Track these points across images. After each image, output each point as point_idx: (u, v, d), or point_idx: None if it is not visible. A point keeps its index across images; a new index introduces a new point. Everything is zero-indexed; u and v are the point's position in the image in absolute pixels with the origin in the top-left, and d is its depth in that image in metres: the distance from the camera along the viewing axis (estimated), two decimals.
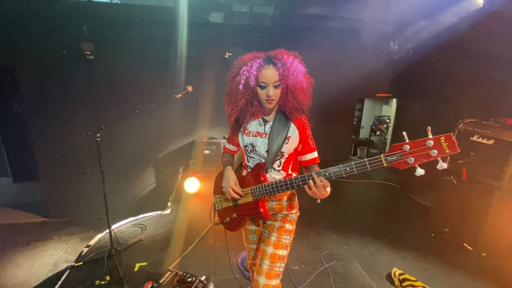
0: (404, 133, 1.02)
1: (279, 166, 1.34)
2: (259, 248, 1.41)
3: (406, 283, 2.08)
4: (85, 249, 2.54)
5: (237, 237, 1.66)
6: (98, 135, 2.02)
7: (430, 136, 0.97)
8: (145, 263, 2.34)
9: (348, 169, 1.10)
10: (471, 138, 2.51)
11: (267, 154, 1.31)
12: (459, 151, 0.94)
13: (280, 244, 1.34)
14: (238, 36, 3.81)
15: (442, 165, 0.96)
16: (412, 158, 1.00)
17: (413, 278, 2.12)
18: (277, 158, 1.33)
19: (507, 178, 2.24)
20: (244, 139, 1.37)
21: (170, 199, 3.50)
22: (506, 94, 2.79)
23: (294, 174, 1.37)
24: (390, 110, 5.92)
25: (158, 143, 3.95)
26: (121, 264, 2.24)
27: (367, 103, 6.23)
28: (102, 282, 2.10)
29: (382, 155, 1.04)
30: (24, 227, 3.28)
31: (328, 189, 1.18)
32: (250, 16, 3.86)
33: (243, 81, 1.23)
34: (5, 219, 3.46)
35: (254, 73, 1.21)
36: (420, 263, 2.39)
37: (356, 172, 1.09)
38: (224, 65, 3.81)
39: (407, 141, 1.01)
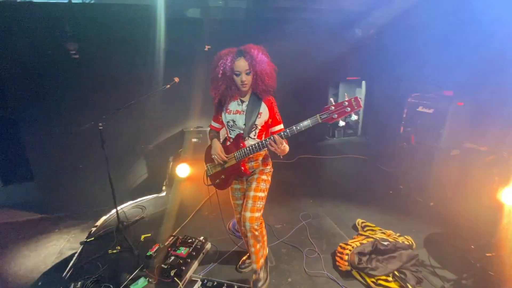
0: (331, 99, 1.47)
1: (254, 135, 1.75)
2: (245, 201, 1.82)
3: (366, 228, 2.58)
4: (94, 229, 2.84)
5: (228, 209, 2.07)
6: (100, 124, 2.31)
7: (346, 99, 1.42)
8: (150, 234, 2.70)
9: (298, 127, 1.52)
10: (417, 109, 3.01)
11: (245, 126, 1.71)
12: (362, 107, 1.38)
13: (258, 188, 1.79)
14: (216, 30, 4.07)
15: (354, 117, 1.43)
16: (336, 114, 1.44)
17: (372, 225, 2.62)
18: (252, 129, 1.73)
19: (444, 139, 2.77)
20: (226, 116, 1.77)
21: (164, 184, 3.82)
22: (446, 69, 3.27)
23: None
24: (361, 92, 6.43)
25: (147, 135, 4.18)
26: (129, 236, 2.57)
27: (342, 87, 6.70)
28: (114, 251, 2.43)
29: (317, 115, 1.47)
30: (23, 224, 3.39)
31: (286, 147, 1.61)
32: (225, 10, 4.13)
33: (221, 71, 1.61)
34: (2, 218, 3.57)
35: (229, 64, 1.60)
36: (380, 214, 2.91)
37: (303, 129, 1.51)
38: (204, 57, 4.07)
39: (334, 103, 1.45)
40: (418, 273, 2.00)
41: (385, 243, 2.12)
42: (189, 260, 2.15)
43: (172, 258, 2.17)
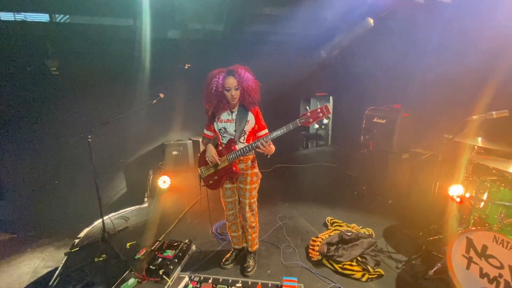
0: (307, 107, 1.80)
1: (243, 140, 2.07)
2: (241, 193, 2.18)
3: (335, 224, 2.92)
4: (77, 240, 2.88)
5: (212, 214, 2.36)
6: (90, 137, 2.45)
7: (319, 107, 1.77)
8: (135, 242, 2.80)
9: (282, 131, 1.83)
10: (373, 120, 3.51)
11: (235, 132, 2.02)
12: (331, 112, 1.73)
13: (252, 182, 2.15)
14: (195, 50, 4.38)
15: (324, 121, 1.78)
16: (311, 119, 1.78)
17: (340, 221, 2.97)
18: (242, 135, 2.05)
19: (395, 145, 3.25)
20: (218, 125, 2.08)
21: (145, 196, 3.91)
22: (395, 86, 3.86)
23: None
24: (329, 107, 7.03)
25: (126, 149, 4.27)
26: (114, 245, 2.66)
27: (312, 102, 7.27)
28: (101, 258, 2.51)
29: (297, 120, 1.80)
30: None
31: (272, 147, 1.92)
32: (204, 32, 4.48)
33: (214, 87, 1.93)
34: None
35: (221, 82, 1.92)
36: (346, 212, 3.28)
37: (286, 131, 1.82)
38: (184, 75, 4.35)
39: (309, 110, 1.79)
40: (377, 257, 2.35)
41: (349, 233, 2.46)
42: (176, 261, 2.31)
43: (160, 260, 2.31)
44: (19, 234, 3.48)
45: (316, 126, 1.86)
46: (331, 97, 6.70)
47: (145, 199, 3.85)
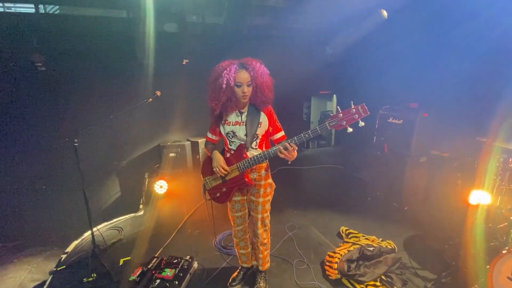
0: (338, 107, 1.51)
1: (255, 146, 1.77)
2: (252, 207, 1.91)
3: (351, 235, 2.66)
4: (64, 256, 2.58)
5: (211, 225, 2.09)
6: (76, 140, 2.15)
7: (353, 106, 1.46)
8: (129, 258, 2.51)
9: (307, 135, 1.54)
10: (388, 120, 3.25)
11: (246, 137, 1.72)
12: (369, 113, 1.44)
13: (266, 194, 1.88)
14: (193, 45, 4.09)
15: (361, 123, 1.45)
16: (344, 122, 1.47)
17: (355, 232, 2.71)
18: (254, 140, 1.75)
19: (413, 147, 3.00)
20: (225, 128, 1.76)
21: (141, 202, 3.62)
22: (410, 84, 3.60)
23: None
24: (332, 105, 6.79)
25: (120, 151, 3.99)
26: (106, 261, 2.37)
27: (314, 101, 7.02)
28: (90, 279, 2.21)
29: (326, 122, 1.50)
30: None
31: (296, 152, 1.61)
32: (203, 26, 4.18)
33: (225, 81, 1.59)
34: None
35: (233, 75, 1.59)
36: (361, 221, 3.02)
37: (312, 136, 1.53)
38: (182, 71, 4.05)
39: (341, 111, 1.49)
40: (403, 276, 2.10)
41: (371, 248, 2.20)
42: (176, 282, 2.03)
43: (158, 281, 2.03)
44: (5, 243, 3.21)
45: (350, 130, 1.55)
46: (334, 95, 6.45)
47: (141, 206, 3.55)
